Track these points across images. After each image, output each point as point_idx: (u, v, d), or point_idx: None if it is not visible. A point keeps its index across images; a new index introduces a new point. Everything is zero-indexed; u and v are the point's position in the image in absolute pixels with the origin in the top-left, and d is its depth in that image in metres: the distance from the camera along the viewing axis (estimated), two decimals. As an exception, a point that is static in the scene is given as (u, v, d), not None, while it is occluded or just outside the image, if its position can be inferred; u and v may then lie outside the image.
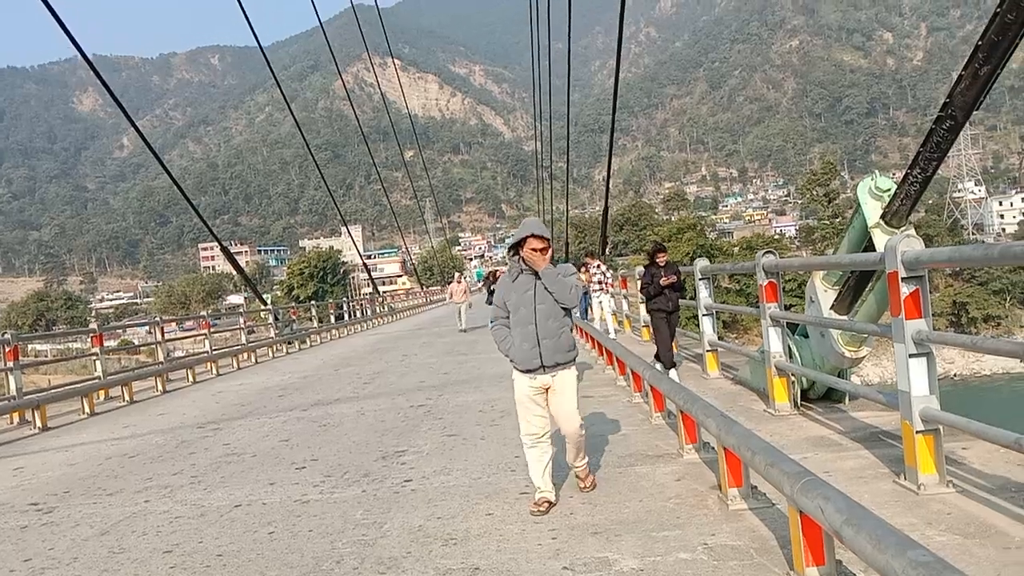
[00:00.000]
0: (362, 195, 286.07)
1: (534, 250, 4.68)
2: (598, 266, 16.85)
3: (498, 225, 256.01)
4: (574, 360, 4.86)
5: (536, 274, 4.74)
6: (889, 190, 6.05)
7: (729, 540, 3.94)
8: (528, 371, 4.74)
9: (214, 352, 17.98)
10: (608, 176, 21.26)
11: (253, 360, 19.26)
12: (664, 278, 9.71)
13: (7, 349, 11.29)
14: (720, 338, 10.54)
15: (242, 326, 22.55)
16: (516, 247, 4.78)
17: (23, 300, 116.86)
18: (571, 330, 4.90)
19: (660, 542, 4.01)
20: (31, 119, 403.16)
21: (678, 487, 5.00)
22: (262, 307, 26.23)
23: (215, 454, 7.57)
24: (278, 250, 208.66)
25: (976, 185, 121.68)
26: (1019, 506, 4.03)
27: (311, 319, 28.77)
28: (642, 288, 10.26)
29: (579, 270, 17.19)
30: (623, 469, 5.61)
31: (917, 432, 4.39)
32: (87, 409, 11.65)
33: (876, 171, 6.53)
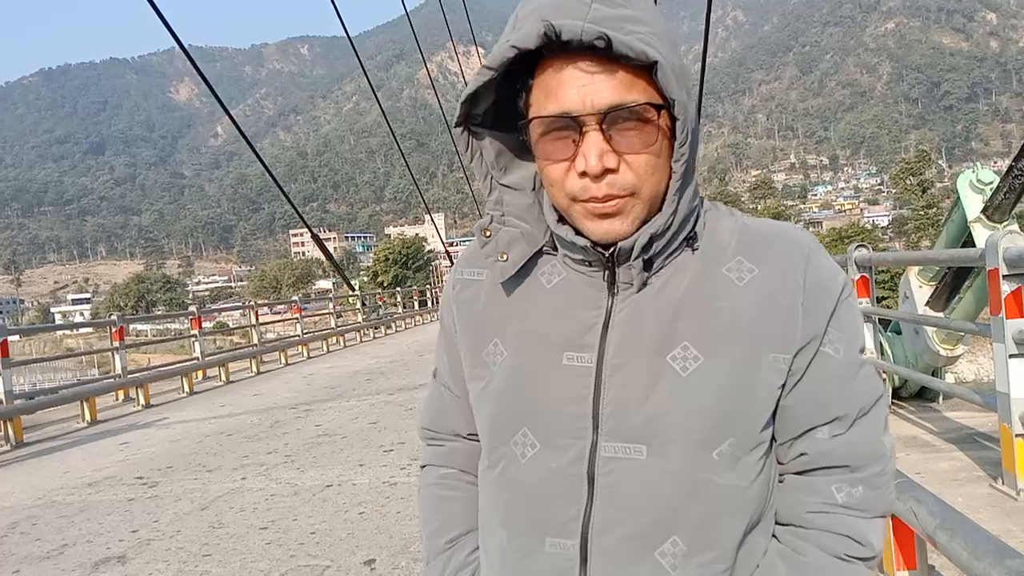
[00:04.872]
0: (444, 183, 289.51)
1: (588, 119, 0.77)
2: None
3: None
4: None
5: (616, 272, 0.85)
6: (991, 183, 5.84)
7: (816, 538, 3.89)
8: None
9: (305, 335, 18.54)
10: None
11: (342, 344, 19.84)
12: None
13: (114, 330, 11.89)
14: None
15: (331, 311, 23.18)
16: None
17: (125, 282, 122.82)
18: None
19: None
20: (131, 108, 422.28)
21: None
22: (350, 292, 26.87)
23: (307, 435, 7.84)
24: (364, 237, 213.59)
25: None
26: None
27: (395, 305, 29.36)
28: None
29: None
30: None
31: (1016, 435, 4.24)
32: (186, 388, 12.23)
33: (978, 163, 6.30)
